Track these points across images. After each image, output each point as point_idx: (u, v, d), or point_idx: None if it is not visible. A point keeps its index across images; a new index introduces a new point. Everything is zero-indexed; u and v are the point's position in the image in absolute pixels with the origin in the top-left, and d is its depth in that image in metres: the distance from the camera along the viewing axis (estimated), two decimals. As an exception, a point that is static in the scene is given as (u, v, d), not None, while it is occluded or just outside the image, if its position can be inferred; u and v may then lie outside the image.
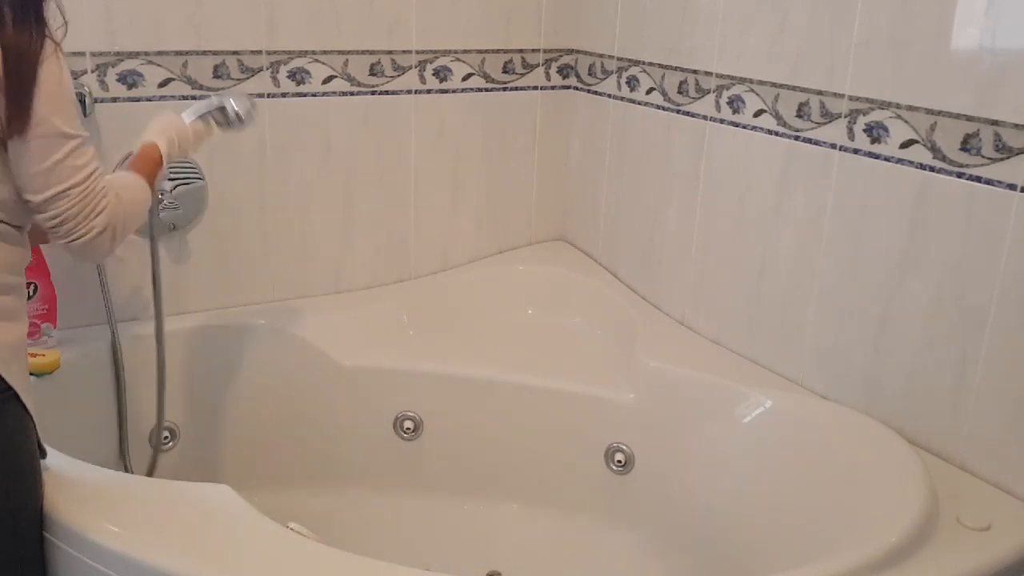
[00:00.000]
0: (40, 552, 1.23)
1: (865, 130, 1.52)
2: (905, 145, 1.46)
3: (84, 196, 1.18)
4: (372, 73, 2.04)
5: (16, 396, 1.16)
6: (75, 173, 1.16)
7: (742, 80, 1.75)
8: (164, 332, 1.78)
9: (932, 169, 1.42)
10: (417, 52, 2.08)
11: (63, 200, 1.16)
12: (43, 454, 1.26)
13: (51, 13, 1.14)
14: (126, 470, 1.82)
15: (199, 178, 1.90)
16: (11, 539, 1.19)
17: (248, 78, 1.91)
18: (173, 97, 1.84)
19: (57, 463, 1.31)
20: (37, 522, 1.22)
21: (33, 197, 1.16)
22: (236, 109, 1.59)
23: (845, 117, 1.55)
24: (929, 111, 1.41)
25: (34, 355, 1.57)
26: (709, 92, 1.84)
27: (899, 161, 1.47)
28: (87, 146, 1.19)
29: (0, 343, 1.15)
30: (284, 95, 1.97)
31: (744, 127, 1.76)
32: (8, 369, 1.15)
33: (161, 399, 1.85)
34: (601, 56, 2.18)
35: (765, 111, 1.71)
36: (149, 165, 1.42)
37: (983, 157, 1.35)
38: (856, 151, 1.54)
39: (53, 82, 1.12)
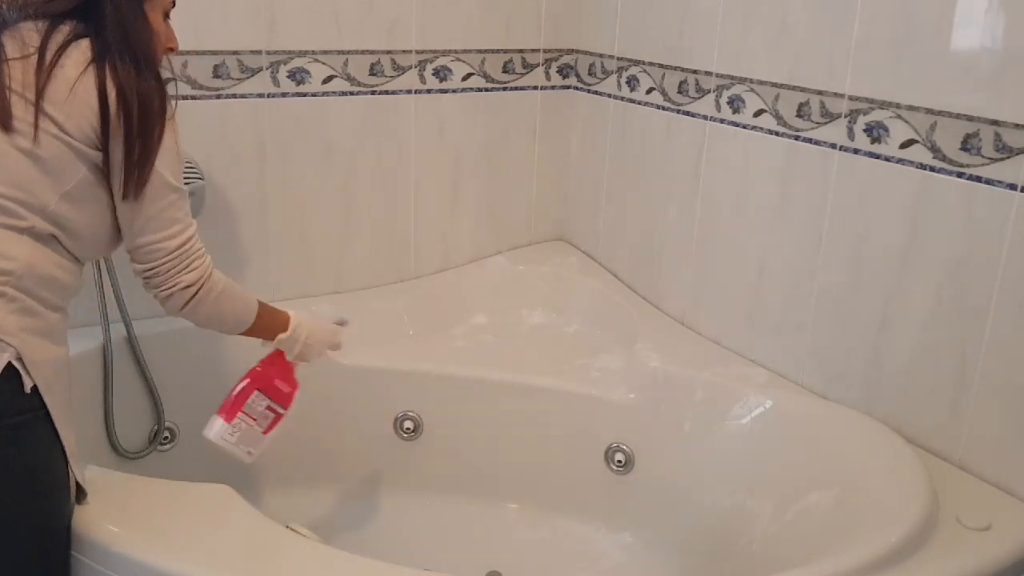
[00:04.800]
0: (66, 571, 1.22)
1: (865, 130, 1.52)
2: (905, 145, 1.46)
3: (181, 255, 1.26)
4: (372, 73, 2.04)
5: (49, 416, 1.15)
6: (172, 224, 1.24)
7: (742, 80, 1.75)
8: (135, 334, 1.80)
9: (932, 169, 1.42)
10: (417, 52, 2.08)
11: (158, 253, 1.24)
12: (82, 494, 1.24)
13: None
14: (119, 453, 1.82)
15: (199, 178, 1.89)
16: (40, 557, 1.19)
17: (248, 78, 1.91)
18: (173, 97, 1.83)
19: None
20: (65, 541, 1.22)
21: (130, 241, 1.25)
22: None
23: (845, 117, 1.55)
24: (929, 111, 1.41)
25: None
26: (709, 92, 1.84)
27: (899, 161, 1.47)
28: (185, 200, 1.26)
29: (42, 360, 1.14)
30: (284, 95, 1.97)
31: (744, 127, 1.76)
32: (48, 388, 1.14)
33: (157, 399, 1.85)
34: (601, 56, 2.18)
35: (765, 111, 1.71)
36: (270, 315, 1.46)
37: (983, 157, 1.35)
38: (856, 151, 1.54)
39: (170, 140, 1.21)
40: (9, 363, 1.10)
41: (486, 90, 2.19)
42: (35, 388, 1.12)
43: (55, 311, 1.20)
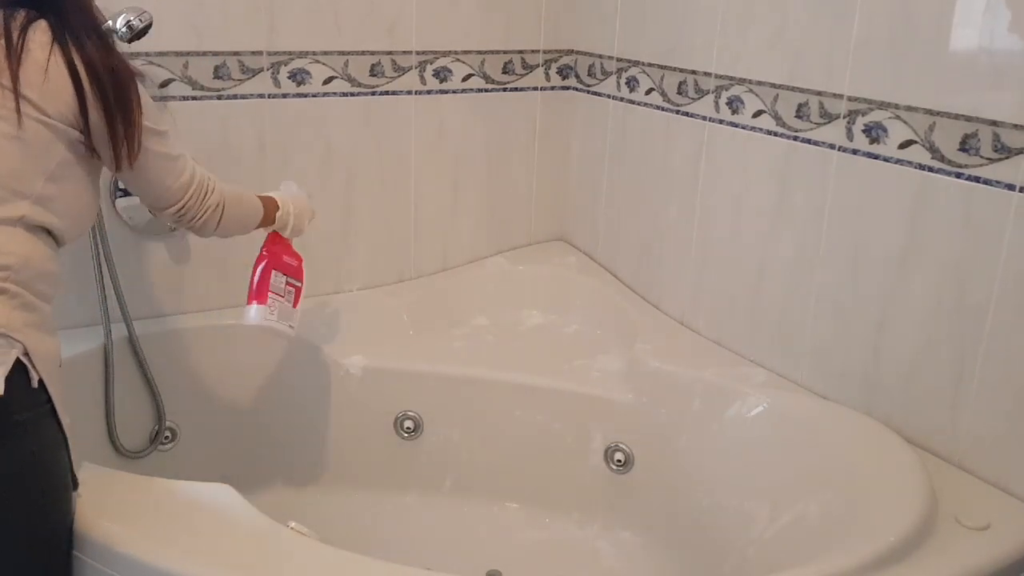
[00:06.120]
0: (68, 571, 1.22)
1: (864, 130, 1.52)
2: (904, 145, 1.46)
3: (199, 183, 1.40)
4: (372, 74, 2.04)
5: (53, 410, 1.15)
6: (177, 160, 1.36)
7: (741, 81, 1.76)
8: (136, 334, 1.82)
9: (931, 169, 1.42)
10: (417, 53, 2.08)
11: (180, 191, 1.38)
12: (75, 485, 1.23)
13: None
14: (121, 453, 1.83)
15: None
16: (42, 556, 1.19)
17: (248, 79, 1.92)
18: (174, 97, 1.85)
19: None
20: (67, 540, 1.21)
21: (148, 195, 1.37)
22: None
23: (844, 118, 1.55)
24: (928, 111, 1.41)
25: None
26: (708, 93, 1.84)
27: (898, 161, 1.47)
28: (171, 135, 1.35)
29: (43, 354, 1.14)
30: (284, 96, 1.97)
31: (743, 127, 1.77)
32: (51, 381, 1.14)
33: (158, 399, 1.86)
34: (601, 57, 2.18)
35: (764, 111, 1.71)
36: (266, 200, 1.63)
37: (982, 157, 1.35)
38: (855, 151, 1.54)
39: (144, 96, 1.27)
40: (16, 359, 1.10)
41: (486, 91, 2.19)
42: (41, 382, 1.13)
43: (48, 303, 1.21)
